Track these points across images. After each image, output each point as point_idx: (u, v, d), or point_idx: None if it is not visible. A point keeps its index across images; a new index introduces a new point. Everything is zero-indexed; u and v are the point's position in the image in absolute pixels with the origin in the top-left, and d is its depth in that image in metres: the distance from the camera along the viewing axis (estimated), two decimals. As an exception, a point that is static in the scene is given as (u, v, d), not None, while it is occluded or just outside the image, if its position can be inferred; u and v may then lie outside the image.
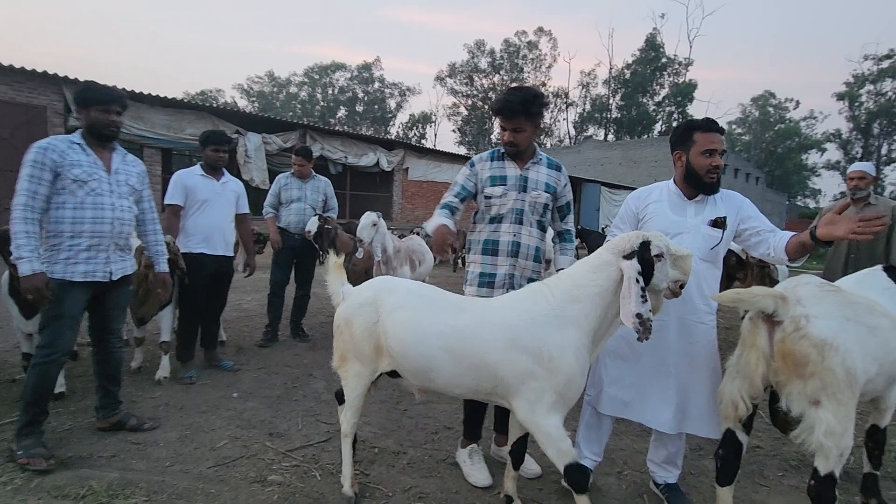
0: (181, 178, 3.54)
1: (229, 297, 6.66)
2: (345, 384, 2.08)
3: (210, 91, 55.24)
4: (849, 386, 1.69)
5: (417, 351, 1.86)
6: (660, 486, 2.27)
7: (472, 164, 2.38)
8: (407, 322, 1.88)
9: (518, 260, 2.32)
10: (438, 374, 1.85)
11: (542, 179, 2.34)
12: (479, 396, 1.93)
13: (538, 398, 1.73)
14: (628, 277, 1.66)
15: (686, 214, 2.12)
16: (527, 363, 1.74)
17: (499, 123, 2.29)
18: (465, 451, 2.41)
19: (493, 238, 2.33)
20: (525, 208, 2.31)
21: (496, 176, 2.32)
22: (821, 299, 1.79)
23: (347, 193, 15.85)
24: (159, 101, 10.95)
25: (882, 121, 43.97)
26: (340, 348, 2.04)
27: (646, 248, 1.72)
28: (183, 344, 3.59)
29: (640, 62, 44.84)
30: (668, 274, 1.75)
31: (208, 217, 3.56)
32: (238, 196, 3.81)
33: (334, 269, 2.14)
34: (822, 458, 1.70)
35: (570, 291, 1.79)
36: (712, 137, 2.05)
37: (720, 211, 2.09)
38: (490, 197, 2.32)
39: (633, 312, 1.60)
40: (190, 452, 2.50)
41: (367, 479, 2.32)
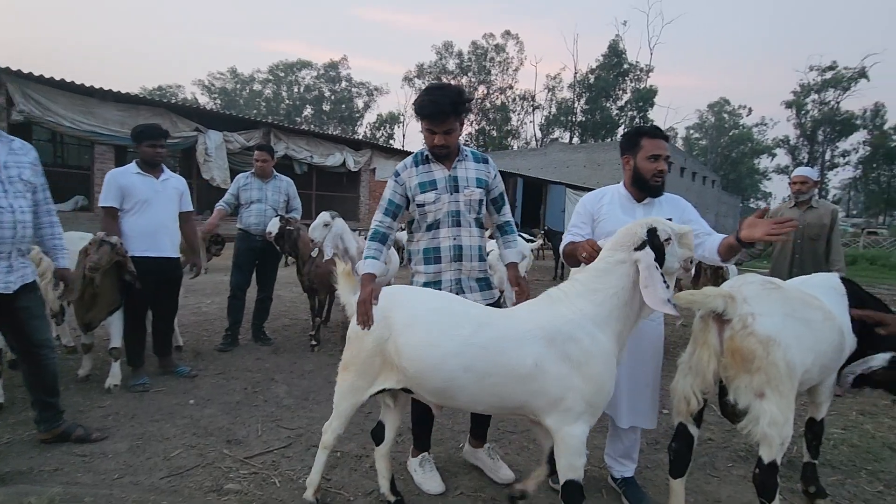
0: (115, 177, 3.34)
1: (188, 301, 6.56)
2: (338, 390, 2.01)
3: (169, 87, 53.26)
4: (789, 378, 1.80)
5: (436, 373, 1.74)
6: (617, 481, 2.32)
7: (398, 175, 2.25)
8: (422, 342, 1.76)
9: (462, 263, 2.24)
10: (460, 393, 1.76)
11: (471, 176, 2.25)
12: (501, 412, 1.89)
13: (569, 407, 1.69)
14: (647, 266, 1.66)
15: (635, 216, 2.18)
16: (560, 373, 1.68)
17: (425, 126, 2.14)
18: (415, 460, 2.36)
19: (434, 245, 2.24)
20: (461, 209, 2.22)
21: (425, 181, 2.21)
22: (764, 297, 1.89)
23: (313, 194, 15.57)
24: (112, 95, 10.48)
25: (825, 128, 46.73)
26: (346, 357, 1.97)
27: (654, 235, 1.74)
28: (131, 349, 3.42)
29: (604, 67, 46.05)
30: (677, 253, 1.77)
31: (150, 217, 3.38)
32: (181, 193, 3.63)
33: (345, 277, 2.00)
34: (766, 448, 1.79)
35: (588, 296, 1.76)
36: (657, 143, 2.13)
37: (665, 213, 2.15)
38: (423, 204, 2.21)
39: (664, 298, 1.61)
40: (141, 463, 2.39)
41: (328, 483, 2.29)
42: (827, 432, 3.02)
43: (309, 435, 2.77)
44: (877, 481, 2.49)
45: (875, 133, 45.82)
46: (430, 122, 2.11)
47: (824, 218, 3.71)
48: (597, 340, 1.72)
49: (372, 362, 1.87)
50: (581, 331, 1.71)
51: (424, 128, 2.14)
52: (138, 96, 11.15)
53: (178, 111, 11.87)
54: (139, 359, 3.46)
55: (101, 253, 2.95)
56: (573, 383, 1.68)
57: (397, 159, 17.08)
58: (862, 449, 2.84)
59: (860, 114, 46.09)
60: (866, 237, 24.57)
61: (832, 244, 3.69)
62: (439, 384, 1.76)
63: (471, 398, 1.78)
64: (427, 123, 2.12)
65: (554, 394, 1.69)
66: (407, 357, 1.78)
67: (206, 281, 8.17)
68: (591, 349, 1.70)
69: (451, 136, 2.14)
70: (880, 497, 2.35)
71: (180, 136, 11.50)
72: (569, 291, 1.82)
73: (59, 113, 9.64)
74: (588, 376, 1.69)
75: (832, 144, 48.07)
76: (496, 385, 1.72)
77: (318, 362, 4.11)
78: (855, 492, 2.39)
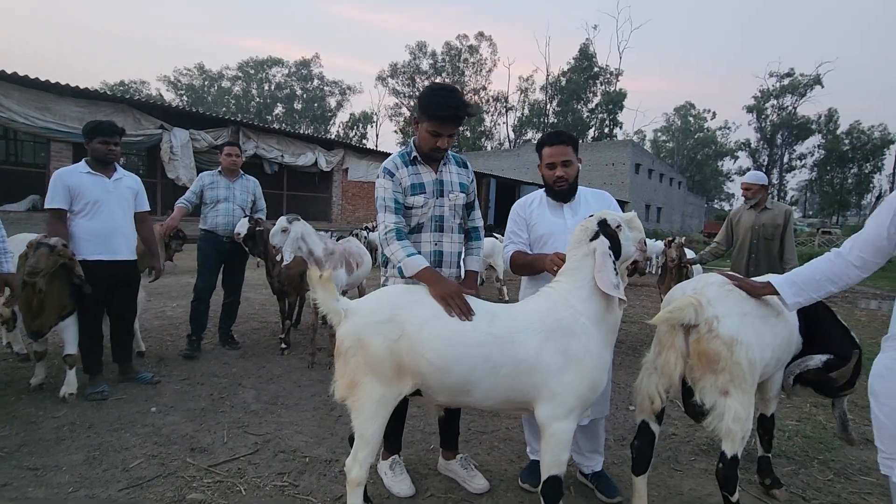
0: (62, 177, 3.16)
1: (151, 304, 6.35)
2: (358, 414, 1.80)
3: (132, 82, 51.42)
4: (751, 374, 1.87)
5: (461, 363, 1.71)
6: (588, 476, 2.37)
7: (392, 174, 2.12)
8: (449, 333, 1.73)
9: (442, 269, 2.18)
10: (476, 386, 1.74)
11: (455, 180, 2.24)
12: (507, 407, 1.85)
13: (563, 402, 1.72)
14: (601, 253, 1.76)
15: (564, 216, 2.27)
16: (560, 366, 1.72)
17: (432, 128, 2.04)
18: (386, 462, 2.32)
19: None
20: (445, 213, 2.20)
21: (416, 184, 2.14)
22: (724, 298, 1.96)
23: (284, 194, 15.32)
24: (70, 90, 10.04)
25: (783, 132, 48.84)
26: (351, 372, 1.78)
27: (605, 224, 1.84)
28: (87, 356, 3.27)
29: (575, 70, 46.89)
30: (629, 237, 1.86)
31: (103, 219, 3.22)
32: (136, 193, 3.48)
33: (324, 283, 1.81)
34: (730, 442, 1.86)
35: (575, 293, 1.81)
36: (553, 151, 2.22)
37: (592, 208, 2.22)
38: (412, 207, 2.14)
39: (614, 283, 1.72)
40: (98, 475, 2.30)
41: (296, 489, 2.25)
42: (782, 424, 3.17)
43: (276, 440, 2.72)
44: (828, 470, 2.61)
45: (829, 137, 48.17)
46: (440, 126, 2.03)
47: (778, 218, 3.87)
48: (592, 336, 1.78)
49: (386, 365, 1.76)
50: (578, 326, 1.77)
51: (430, 129, 2.04)
52: (98, 92, 10.73)
53: (142, 108, 11.47)
54: (97, 366, 3.31)
55: (39, 256, 2.79)
56: (569, 379, 1.72)
57: (370, 159, 16.96)
58: (814, 440, 2.97)
59: (815, 119, 48.40)
60: (821, 236, 25.79)
61: (786, 244, 3.86)
62: (460, 378, 1.73)
63: (486, 392, 1.76)
64: (437, 126, 2.03)
65: (552, 387, 1.73)
66: (431, 351, 1.72)
67: (171, 283, 7.94)
68: (588, 345, 1.76)
69: (451, 139, 2.12)
70: (830, 485, 2.46)
71: (143, 133, 11.12)
72: (560, 290, 1.86)
73: (11, 108, 9.18)
74: (584, 373, 1.74)
75: (790, 148, 50.30)
76: (507, 377, 1.73)
77: (287, 366, 4.04)
78: (808, 481, 2.50)
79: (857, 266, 1.69)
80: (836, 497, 2.34)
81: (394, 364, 1.76)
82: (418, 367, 1.75)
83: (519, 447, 2.75)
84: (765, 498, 2.31)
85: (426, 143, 2.10)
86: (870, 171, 48.16)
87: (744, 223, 4.02)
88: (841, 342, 2.17)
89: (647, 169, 35.36)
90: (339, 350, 1.81)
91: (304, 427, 2.91)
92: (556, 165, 2.21)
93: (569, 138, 2.25)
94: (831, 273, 1.75)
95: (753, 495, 2.34)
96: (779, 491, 2.31)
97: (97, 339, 3.36)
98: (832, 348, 2.14)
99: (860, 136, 47.13)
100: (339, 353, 1.81)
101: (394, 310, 1.81)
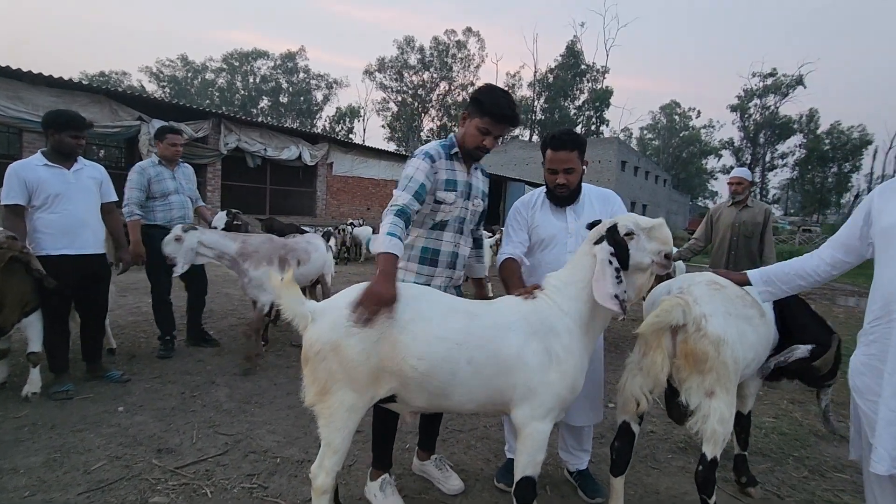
0: (17, 171, 3.00)
1: (126, 300, 6.18)
2: (327, 423, 1.70)
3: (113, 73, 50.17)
4: (735, 374, 1.85)
5: (443, 367, 1.64)
6: (573, 474, 2.35)
7: (433, 160, 1.98)
8: (431, 335, 1.65)
9: (455, 271, 2.15)
10: (458, 389, 1.68)
11: (480, 187, 2.21)
12: (486, 409, 1.80)
13: (542, 402, 1.68)
14: (600, 260, 1.69)
15: (567, 220, 2.21)
16: (541, 365, 1.68)
17: (484, 125, 1.98)
18: (375, 483, 2.11)
19: (434, 247, 2.09)
20: (467, 217, 2.15)
21: (450, 180, 2.05)
22: (711, 297, 1.92)
23: (268, 188, 15.10)
24: (43, 79, 9.72)
25: (766, 131, 49.62)
26: (321, 379, 1.67)
27: (614, 231, 1.74)
28: (51, 354, 3.15)
29: (562, 67, 47.03)
30: (646, 248, 1.74)
31: (66, 212, 3.09)
32: (100, 183, 3.34)
33: (286, 287, 1.68)
34: (711, 445, 1.82)
35: (563, 291, 1.78)
36: (554, 156, 2.11)
37: (596, 211, 2.19)
38: (441, 202, 2.04)
39: (610, 294, 1.63)
40: (57, 478, 2.20)
41: (265, 492, 2.18)
42: (759, 421, 3.18)
43: (248, 441, 2.64)
44: (802, 467, 2.62)
45: (810, 137, 49.10)
46: (493, 125, 1.98)
47: (758, 216, 3.90)
48: (574, 337, 1.73)
49: (364, 370, 1.64)
50: (560, 326, 1.72)
51: (482, 126, 1.98)
52: (73, 81, 10.39)
53: (120, 98, 11.16)
54: (63, 364, 3.19)
55: None
56: (549, 378, 1.68)
57: (356, 154, 16.78)
58: (790, 437, 2.99)
59: (797, 118, 49.27)
60: (801, 234, 26.29)
61: (765, 241, 3.88)
62: (443, 380, 1.65)
63: (466, 394, 1.69)
64: (490, 124, 1.97)
65: (532, 386, 1.68)
66: (415, 353, 1.63)
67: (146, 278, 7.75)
68: (570, 345, 1.72)
69: (496, 141, 2.07)
70: (805, 482, 2.47)
71: (121, 125, 10.83)
72: (547, 287, 1.82)
73: (-20, 97, 8.86)
74: (564, 373, 1.69)
75: (772, 147, 51.14)
76: (490, 378, 1.68)
77: (263, 363, 3.95)
78: (783, 478, 2.50)
79: (828, 264, 1.74)
80: (810, 494, 2.35)
81: (371, 368, 1.65)
82: (400, 370, 1.66)
83: (496, 446, 2.72)
84: (740, 496, 2.31)
85: (472, 140, 2.03)
86: (849, 170, 49.23)
87: (724, 220, 4.03)
88: (818, 332, 2.16)
89: (632, 166, 35.66)
90: (307, 355, 1.69)
91: (278, 426, 2.83)
92: (558, 171, 2.12)
93: (573, 143, 2.10)
94: (802, 269, 1.82)
95: (729, 493, 2.33)
96: (754, 489, 2.31)
97: (63, 337, 3.24)
98: (809, 339, 2.13)
99: (840, 136, 48.11)
100: (308, 359, 1.68)
101: None
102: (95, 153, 20.29)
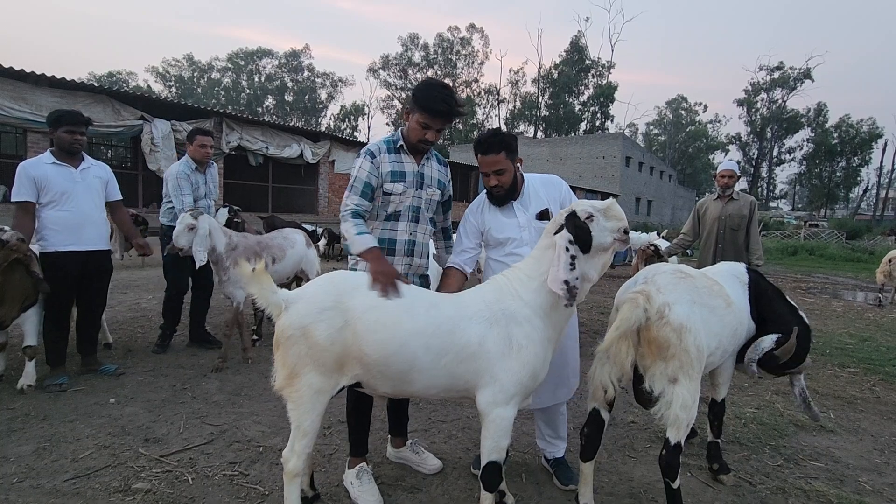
0: (27, 169, 3.12)
1: (126, 296, 6.30)
2: (296, 406, 1.75)
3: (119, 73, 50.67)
4: (699, 362, 1.88)
5: (400, 354, 1.70)
6: (550, 462, 2.39)
7: (373, 156, 2.12)
8: (386, 323, 1.71)
9: (413, 259, 2.22)
10: (418, 376, 1.74)
11: (434, 176, 2.27)
12: (450, 395, 1.85)
13: (503, 388, 1.73)
14: (559, 247, 1.73)
15: (516, 214, 2.23)
16: (502, 352, 1.73)
17: (423, 120, 2.06)
18: (352, 471, 2.17)
19: (390, 237, 2.18)
20: (422, 206, 2.21)
21: (396, 171, 2.14)
22: (675, 285, 1.96)
23: (270, 186, 15.21)
24: (46, 80, 9.87)
25: (773, 126, 49.13)
26: (291, 363, 1.73)
27: (573, 216, 1.79)
28: (49, 348, 3.25)
29: (567, 63, 46.78)
30: (605, 227, 1.80)
31: (72, 210, 3.20)
32: (106, 182, 3.44)
33: (258, 277, 1.74)
34: (675, 430, 1.87)
35: (526, 283, 1.82)
36: (482, 160, 2.14)
37: (542, 198, 2.22)
38: (390, 193, 2.14)
39: (561, 279, 1.68)
40: (45, 466, 2.28)
41: (245, 479, 2.24)
42: (740, 412, 3.20)
43: (233, 430, 2.71)
44: (778, 455, 2.64)
45: (818, 131, 48.54)
46: (431, 119, 2.05)
47: (744, 209, 3.90)
48: (535, 327, 1.78)
49: (329, 355, 1.71)
50: (521, 316, 1.77)
51: (421, 121, 2.06)
52: (76, 81, 10.53)
53: (122, 98, 11.29)
54: (59, 357, 3.28)
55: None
56: (510, 365, 1.73)
57: (358, 151, 16.78)
58: (769, 426, 3.00)
59: (805, 112, 48.73)
60: (808, 228, 26.06)
61: (751, 234, 3.89)
62: (401, 367, 1.72)
63: (427, 381, 1.75)
64: (428, 119, 2.05)
65: (494, 373, 1.73)
66: (372, 340, 1.70)
67: (146, 276, 7.87)
68: (531, 334, 1.76)
69: (439, 134, 2.14)
70: (780, 470, 2.49)
71: (123, 124, 10.96)
72: (512, 278, 1.87)
73: (-15, 98, 9.01)
74: (524, 360, 1.74)
75: (779, 141, 50.63)
76: (449, 365, 1.73)
77: (255, 356, 4.01)
78: (758, 466, 2.53)
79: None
80: (782, 482, 2.37)
81: (337, 354, 1.72)
82: (361, 357, 1.73)
83: (476, 436, 2.75)
84: (712, 483, 2.34)
85: (415, 133, 2.11)
86: (858, 164, 48.66)
87: (710, 214, 4.05)
88: (788, 321, 2.19)
89: (637, 162, 35.48)
90: (278, 340, 1.76)
91: (264, 417, 2.90)
92: (490, 174, 2.15)
93: (498, 145, 2.10)
94: None
95: (701, 481, 2.36)
96: (726, 476, 2.34)
97: (63, 332, 3.33)
98: (782, 327, 2.16)
99: (849, 130, 47.55)
100: (279, 344, 1.76)
101: (337, 296, 1.76)
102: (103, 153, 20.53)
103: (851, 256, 16.76)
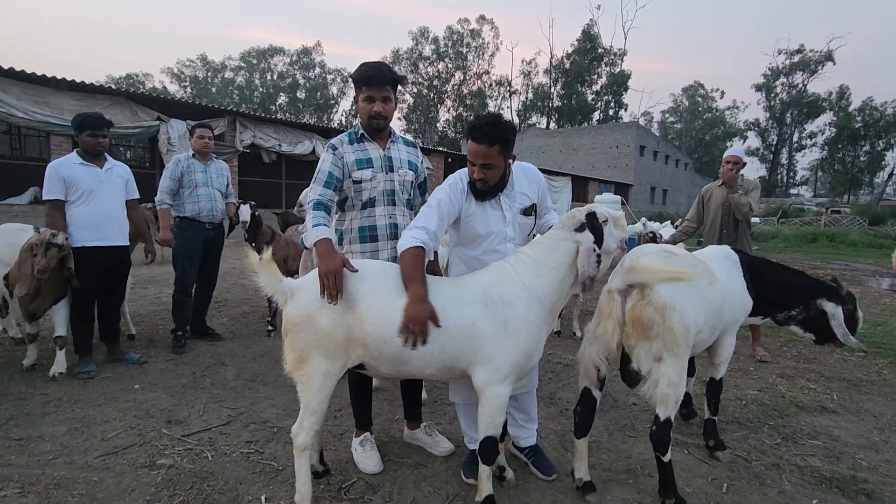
0: (56, 169, 3.31)
1: (148, 291, 6.54)
2: (305, 387, 1.87)
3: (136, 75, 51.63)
4: (685, 340, 1.95)
5: (396, 336, 1.78)
6: (524, 450, 2.36)
7: (335, 149, 2.18)
8: (385, 306, 1.80)
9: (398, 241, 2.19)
10: (416, 357, 1.82)
11: (403, 157, 2.32)
12: (447, 375, 1.91)
13: (498, 368, 1.81)
14: (586, 248, 1.84)
15: (503, 207, 2.14)
16: (497, 334, 1.81)
17: (363, 95, 2.14)
18: (357, 440, 2.40)
19: (370, 224, 2.24)
20: (396, 188, 2.26)
21: (361, 159, 2.20)
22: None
23: (283, 182, 15.44)
24: (67, 84, 10.18)
25: (793, 111, 47.87)
26: (299, 348, 1.83)
27: (593, 218, 1.89)
28: (78, 338, 3.45)
29: (579, 52, 46.18)
30: (613, 234, 1.93)
31: (97, 207, 3.39)
32: (126, 181, 3.64)
33: (266, 266, 1.82)
34: (663, 407, 1.95)
35: (532, 268, 1.90)
36: (471, 148, 1.98)
37: (525, 190, 2.19)
38: (360, 181, 2.19)
39: (591, 276, 1.83)
40: (77, 444, 2.45)
41: (261, 456, 2.39)
42: (742, 393, 3.25)
43: (250, 413, 2.86)
44: (776, 434, 2.70)
45: (840, 115, 47.16)
46: (369, 88, 2.13)
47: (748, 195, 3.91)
48: (532, 309, 1.86)
49: (334, 340, 1.80)
50: (519, 299, 1.86)
51: (363, 97, 2.15)
52: (94, 85, 10.83)
53: (139, 100, 11.58)
54: (87, 347, 3.48)
55: (50, 258, 3.03)
56: (506, 346, 1.82)
57: (369, 146, 16.98)
58: (770, 407, 3.05)
59: (826, 96, 47.37)
60: (829, 215, 25.46)
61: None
62: (399, 347, 1.79)
63: (423, 360, 1.83)
64: (366, 90, 2.13)
65: (488, 353, 1.82)
66: (372, 322, 1.79)
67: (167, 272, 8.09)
68: (528, 316, 1.85)
69: (388, 105, 2.17)
70: (777, 448, 2.55)
71: (141, 125, 11.25)
72: (515, 263, 1.94)
73: (10, 103, 9.33)
74: (520, 341, 1.83)
75: (800, 126, 49.36)
76: (445, 345, 1.81)
77: (271, 346, 4.18)
78: (755, 444, 2.59)
79: None
80: (778, 459, 2.43)
81: (340, 338, 1.81)
82: (362, 339, 1.83)
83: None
84: (707, 460, 2.41)
85: (364, 113, 2.19)
86: (882, 148, 47.19)
87: (715, 200, 4.06)
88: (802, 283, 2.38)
89: (652, 151, 34.98)
90: (286, 327, 1.86)
91: (279, 401, 3.04)
92: (476, 165, 1.99)
93: (493, 137, 1.92)
94: None
95: (697, 457, 2.43)
96: (721, 453, 2.41)
97: (90, 322, 3.53)
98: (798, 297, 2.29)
99: (872, 113, 46.08)
100: (287, 331, 1.86)
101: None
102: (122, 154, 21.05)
103: (874, 243, 16.37)
